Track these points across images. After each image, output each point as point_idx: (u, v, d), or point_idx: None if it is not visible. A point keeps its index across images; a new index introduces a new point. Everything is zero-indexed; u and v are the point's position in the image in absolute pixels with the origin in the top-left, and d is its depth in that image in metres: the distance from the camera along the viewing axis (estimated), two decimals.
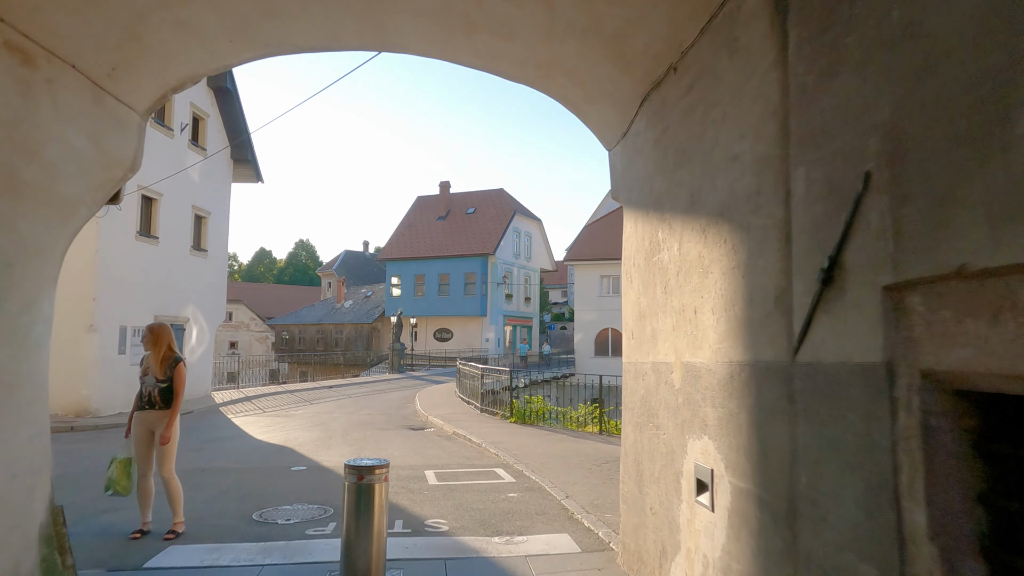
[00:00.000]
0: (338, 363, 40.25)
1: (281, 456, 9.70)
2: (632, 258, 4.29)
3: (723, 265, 2.87)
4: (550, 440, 11.12)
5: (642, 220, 4.03)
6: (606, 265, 38.65)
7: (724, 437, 2.83)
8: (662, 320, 3.65)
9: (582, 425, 13.19)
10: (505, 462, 8.95)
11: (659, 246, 3.70)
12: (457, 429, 12.48)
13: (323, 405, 18.21)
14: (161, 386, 5.37)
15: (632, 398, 4.25)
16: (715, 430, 2.92)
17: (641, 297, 4.05)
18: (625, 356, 4.49)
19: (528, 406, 14.23)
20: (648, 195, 3.89)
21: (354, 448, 10.46)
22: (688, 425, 3.24)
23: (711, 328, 2.99)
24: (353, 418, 15.18)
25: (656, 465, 3.69)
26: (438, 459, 9.29)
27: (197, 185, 18.41)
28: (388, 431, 12.98)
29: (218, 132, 19.62)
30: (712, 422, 2.96)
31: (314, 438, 11.74)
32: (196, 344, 18.44)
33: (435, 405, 17.24)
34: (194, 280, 18.31)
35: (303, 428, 13.22)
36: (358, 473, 3.96)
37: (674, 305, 3.46)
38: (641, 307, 4.04)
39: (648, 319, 3.89)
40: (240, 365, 26.41)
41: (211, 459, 9.29)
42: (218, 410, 16.50)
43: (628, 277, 4.40)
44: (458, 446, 10.83)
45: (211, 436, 12.08)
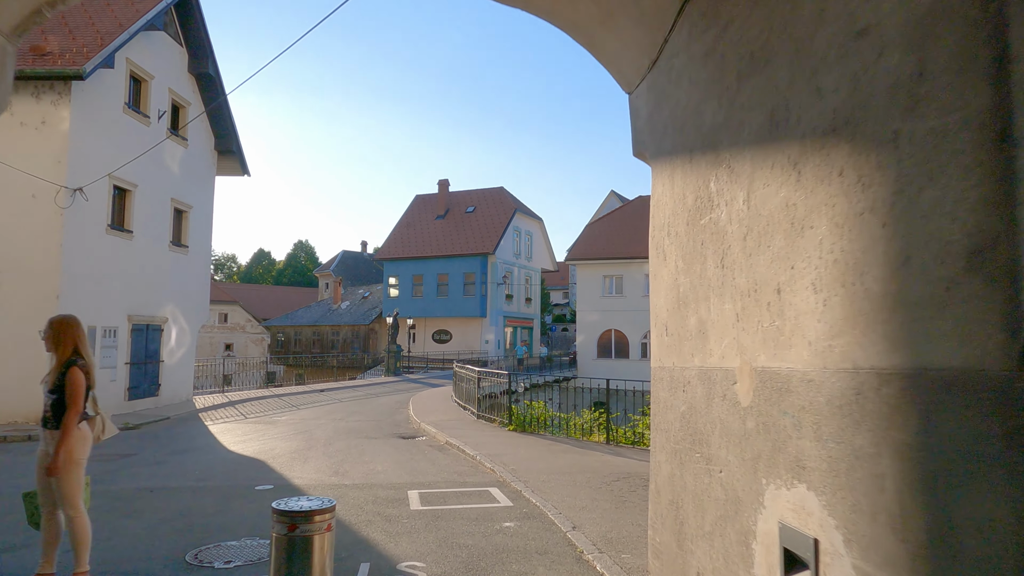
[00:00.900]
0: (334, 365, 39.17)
1: (249, 472, 8.60)
2: (666, 226, 3.19)
3: (838, 211, 1.77)
4: (552, 451, 10.01)
5: (682, 171, 2.93)
6: (609, 265, 37.55)
7: (842, 491, 1.73)
8: (717, 307, 2.54)
9: (587, 434, 12.08)
10: (501, 479, 7.84)
11: (711, 202, 2.60)
12: (451, 438, 11.37)
13: (311, 411, 17.10)
14: (52, 398, 4.26)
15: (667, 416, 3.15)
16: (822, 477, 1.82)
17: (681, 277, 2.95)
18: (655, 359, 3.38)
19: (528, 412, 13.13)
20: (692, 134, 2.79)
21: (334, 461, 9.36)
22: (767, 464, 2.13)
23: (812, 315, 1.89)
24: (340, 425, 14.07)
25: (707, 515, 2.59)
26: (426, 476, 8.18)
27: (177, 177, 17.34)
28: (376, 440, 11.87)
29: (200, 121, 18.54)
30: (815, 463, 1.86)
31: (293, 449, 10.64)
32: (176, 346, 17.35)
33: (429, 411, 16.13)
34: (174, 278, 17.22)
35: (284, 437, 12.12)
36: (289, 521, 2.85)
37: (738, 284, 2.36)
38: (681, 291, 2.94)
39: (692, 307, 2.79)
40: (236, 368, 25.37)
41: (167, 476, 8.19)
42: (197, 416, 15.40)
43: (659, 253, 3.29)
44: (450, 459, 9.72)
45: (178, 447, 10.97)
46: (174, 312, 17.24)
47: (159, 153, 16.52)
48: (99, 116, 14.17)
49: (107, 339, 14.53)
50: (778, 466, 2.06)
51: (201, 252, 18.72)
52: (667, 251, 3.13)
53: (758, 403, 2.20)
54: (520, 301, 44.32)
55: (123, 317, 15.10)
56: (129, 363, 15.32)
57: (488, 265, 40.57)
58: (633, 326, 36.62)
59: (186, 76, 17.79)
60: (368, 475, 8.21)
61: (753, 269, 2.25)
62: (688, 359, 2.84)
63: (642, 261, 36.76)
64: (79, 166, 13.41)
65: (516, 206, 44.09)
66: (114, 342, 14.77)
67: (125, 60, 14.99)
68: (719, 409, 2.50)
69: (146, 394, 16.07)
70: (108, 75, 14.35)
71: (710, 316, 2.60)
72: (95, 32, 14.21)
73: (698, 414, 2.72)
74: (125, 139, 14.87)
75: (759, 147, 2.18)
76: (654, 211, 3.40)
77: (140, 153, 15.48)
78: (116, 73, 14.66)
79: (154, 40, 16.17)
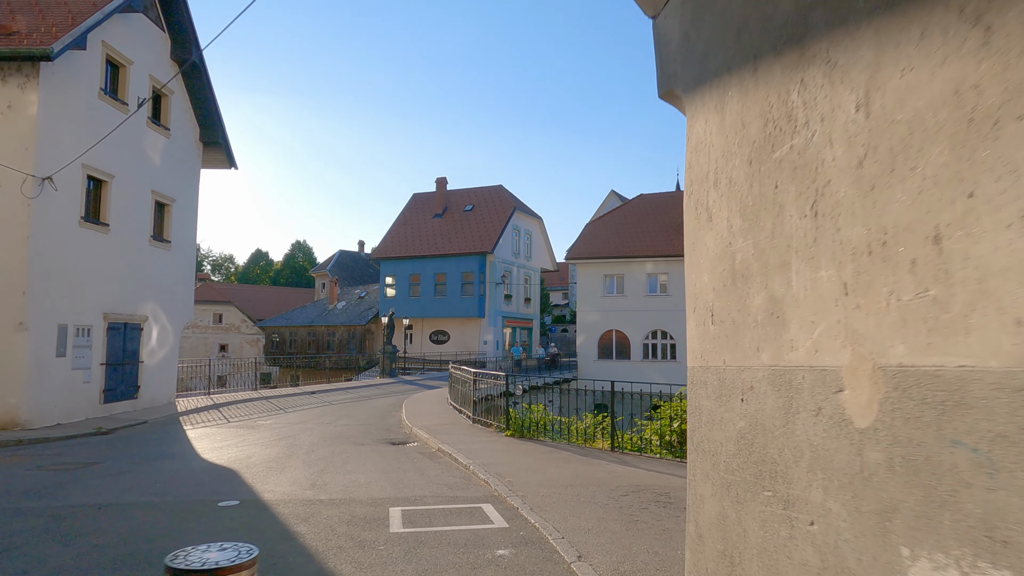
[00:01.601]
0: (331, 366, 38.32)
1: (217, 483, 7.75)
2: (712, 176, 2.35)
3: None
4: (552, 460, 9.17)
5: (739, 92, 2.10)
6: (609, 264, 36.73)
7: None
8: (804, 276, 1.71)
9: (590, 439, 11.24)
10: (496, 494, 7.00)
11: (792, 123, 1.77)
12: (443, 445, 10.53)
13: (299, 414, 16.26)
14: None
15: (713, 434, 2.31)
16: None
17: (737, 241, 2.11)
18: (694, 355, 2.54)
19: (527, 416, 12.29)
20: (758, 33, 1.96)
21: (313, 471, 8.51)
22: (911, 523, 1.30)
23: (1019, 273, 1.05)
24: (327, 430, 13.23)
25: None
26: (412, 489, 7.34)
27: (159, 168, 16.49)
28: (363, 446, 11.03)
29: (184, 111, 17.71)
30: None
31: (272, 456, 9.80)
32: (156, 346, 16.50)
33: (423, 414, 15.29)
34: (155, 274, 16.37)
35: (265, 443, 11.28)
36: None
37: (847, 237, 1.54)
38: (738, 259, 2.11)
39: (758, 280, 1.96)
40: (230, 369, 24.55)
41: (124, 490, 7.34)
42: (177, 420, 14.55)
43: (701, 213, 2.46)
44: (441, 468, 8.88)
45: (148, 454, 10.13)
46: (155, 310, 16.39)
47: (139, 143, 15.70)
48: (71, 101, 13.33)
49: (80, 338, 13.68)
50: (940, 531, 1.22)
51: (185, 248, 17.88)
52: (714, 209, 2.30)
53: (892, 423, 1.37)
54: (519, 301, 43.48)
55: (98, 315, 14.25)
56: (105, 364, 14.46)
57: (486, 264, 39.74)
58: (634, 327, 35.79)
59: (168, 63, 16.95)
60: (348, 488, 7.37)
61: (878, 211, 1.42)
62: (750, 355, 2.01)
63: (644, 260, 35.94)
64: (48, 154, 12.57)
65: (515, 204, 43.28)
66: (88, 341, 13.92)
67: (101, 43, 14.16)
68: (809, 429, 1.67)
69: (124, 396, 15.22)
70: (81, 58, 13.51)
71: (791, 291, 1.77)
72: (66, 12, 13.38)
73: (769, 435, 1.88)
74: (101, 127, 14.02)
75: (895, 10, 1.35)
76: (692, 160, 2.56)
77: (117, 142, 14.64)
78: (90, 56, 13.83)
79: (133, 23, 15.34)
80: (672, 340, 35.19)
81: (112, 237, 14.66)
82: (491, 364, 29.83)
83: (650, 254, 35.98)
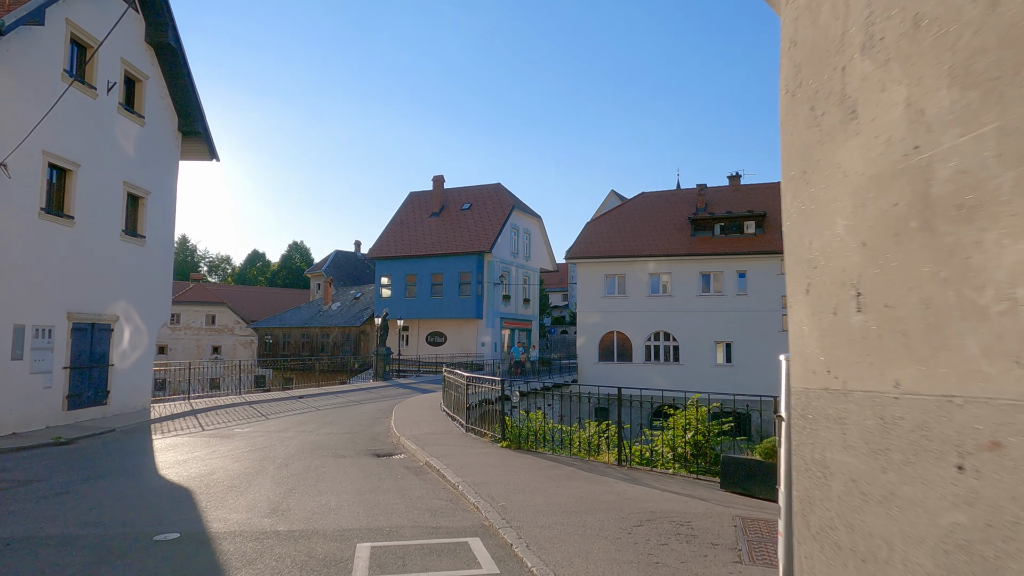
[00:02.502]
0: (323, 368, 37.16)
1: (163, 509, 6.67)
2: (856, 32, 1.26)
3: None
4: (553, 477, 8.09)
5: None
6: (610, 263, 35.67)
7: None
8: None
9: (593, 451, 10.16)
10: (487, 523, 5.93)
11: None
12: (431, 458, 9.45)
13: (281, 420, 15.18)
14: None
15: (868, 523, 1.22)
16: None
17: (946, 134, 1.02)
18: (803, 370, 1.46)
19: (525, 425, 11.22)
20: None
21: (280, 492, 7.44)
22: None
23: None
24: (308, 439, 12.16)
25: None
26: (389, 516, 6.27)
27: (132, 158, 15.42)
28: (343, 459, 9.96)
29: (160, 99, 16.64)
30: None
31: (238, 472, 8.73)
32: (129, 348, 15.41)
33: (413, 421, 14.22)
34: (127, 271, 15.29)
35: (235, 455, 10.20)
36: None
37: None
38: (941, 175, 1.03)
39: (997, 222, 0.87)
40: (223, 371, 23.50)
41: (50, 518, 6.26)
42: (148, 428, 13.47)
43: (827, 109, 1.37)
44: (427, 487, 7.81)
45: (98, 470, 9.05)
46: (127, 310, 15.31)
47: (110, 131, 14.63)
48: (29, 82, 12.26)
49: (40, 340, 12.59)
50: None
51: (161, 243, 16.79)
52: (864, 93, 1.23)
53: None
54: (518, 302, 42.41)
55: (61, 315, 13.17)
56: (69, 367, 13.38)
57: (484, 264, 38.68)
58: (636, 328, 34.74)
59: (143, 46, 15.89)
60: (314, 515, 6.30)
61: None
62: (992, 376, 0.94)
63: (646, 259, 34.89)
64: (1, 138, 11.50)
65: (513, 203, 42.22)
66: (49, 343, 12.83)
67: (64, 21, 13.10)
68: None
69: (91, 402, 14.13)
70: (41, 36, 12.45)
71: None
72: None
73: None
74: (63, 110, 12.97)
75: None
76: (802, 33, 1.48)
77: (84, 129, 13.58)
78: (52, 35, 12.76)
79: (103, 2, 14.26)
80: (675, 342, 34.14)
81: (78, 231, 13.59)
82: (489, 366, 28.75)
83: (652, 253, 34.93)
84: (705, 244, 34.55)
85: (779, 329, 32.02)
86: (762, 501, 6.97)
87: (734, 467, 7.59)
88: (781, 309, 32.22)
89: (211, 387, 23.71)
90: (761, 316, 32.44)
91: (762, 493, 7.11)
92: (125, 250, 15.28)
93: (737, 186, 40.08)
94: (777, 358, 3.48)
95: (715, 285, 33.96)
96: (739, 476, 7.49)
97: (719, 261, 33.74)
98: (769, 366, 28.71)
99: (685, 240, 35.33)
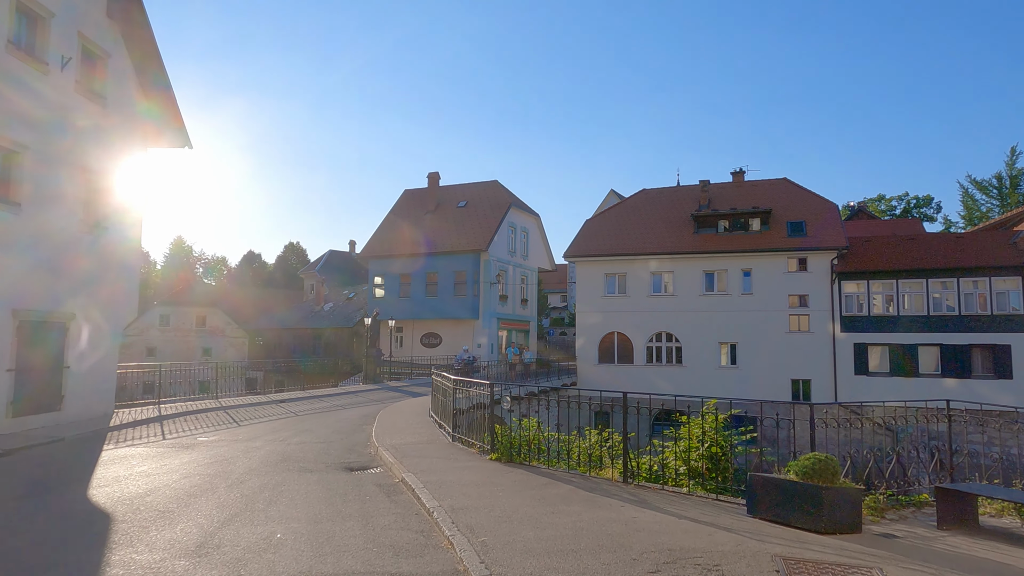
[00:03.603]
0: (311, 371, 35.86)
1: (62, 543, 5.40)
2: None
3: None
4: (548, 500, 6.83)
5: None
6: (611, 262, 34.41)
7: None
8: None
9: (595, 465, 8.89)
10: (460, 568, 4.67)
11: None
12: (408, 474, 8.20)
13: (253, 428, 13.92)
14: None
15: None
16: None
17: None
18: None
19: (518, 434, 9.95)
20: None
21: (220, 518, 6.18)
22: None
23: None
24: (276, 449, 10.91)
25: None
26: (339, 558, 5.00)
27: (91, 142, 14.17)
28: (309, 475, 8.71)
29: (126, 79, 15.39)
30: None
31: (182, 491, 7.47)
32: (88, 349, 14.13)
33: (397, 429, 12.97)
34: (86, 265, 14.03)
35: (187, 469, 8.95)
36: None
37: None
38: None
39: None
40: (214, 373, 22.30)
41: None
42: (103, 436, 12.20)
43: None
44: (396, 513, 6.54)
45: (19, 489, 7.78)
46: (85, 307, 14.04)
47: (64, 111, 13.37)
48: None
49: None
50: None
51: (126, 235, 15.51)
52: None
53: None
54: (515, 302, 41.16)
55: (6, 312, 11.91)
56: (14, 370, 12.10)
57: (480, 263, 37.45)
58: (637, 328, 33.48)
59: (105, 21, 14.64)
60: (247, 554, 5.04)
61: None
62: None
63: (647, 257, 33.64)
64: None
65: (511, 200, 41.01)
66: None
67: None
68: None
69: (43, 409, 12.86)
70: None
71: None
72: None
73: None
74: (9, 88, 11.73)
75: None
76: None
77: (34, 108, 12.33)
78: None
79: None
80: (678, 343, 32.88)
81: (26, 220, 12.32)
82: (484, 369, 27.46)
83: (654, 251, 33.67)
84: (709, 242, 33.28)
85: (786, 330, 30.75)
86: (803, 532, 5.71)
87: (765, 488, 6.33)
88: (788, 309, 30.96)
89: (200, 390, 22.42)
90: (767, 316, 31.18)
91: (801, 522, 5.85)
92: (84, 242, 14.02)
93: (741, 182, 38.85)
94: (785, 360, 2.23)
95: (719, 284, 32.68)
96: (771, 500, 6.23)
97: (723, 259, 32.47)
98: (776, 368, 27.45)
99: (688, 237, 34.06)
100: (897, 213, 60.73)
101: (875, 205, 61.60)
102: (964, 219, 53.53)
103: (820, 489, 5.82)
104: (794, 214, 33.18)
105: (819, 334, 30.22)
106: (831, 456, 6.12)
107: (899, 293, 29.32)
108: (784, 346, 30.74)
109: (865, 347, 29.51)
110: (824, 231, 31.32)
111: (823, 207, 33.23)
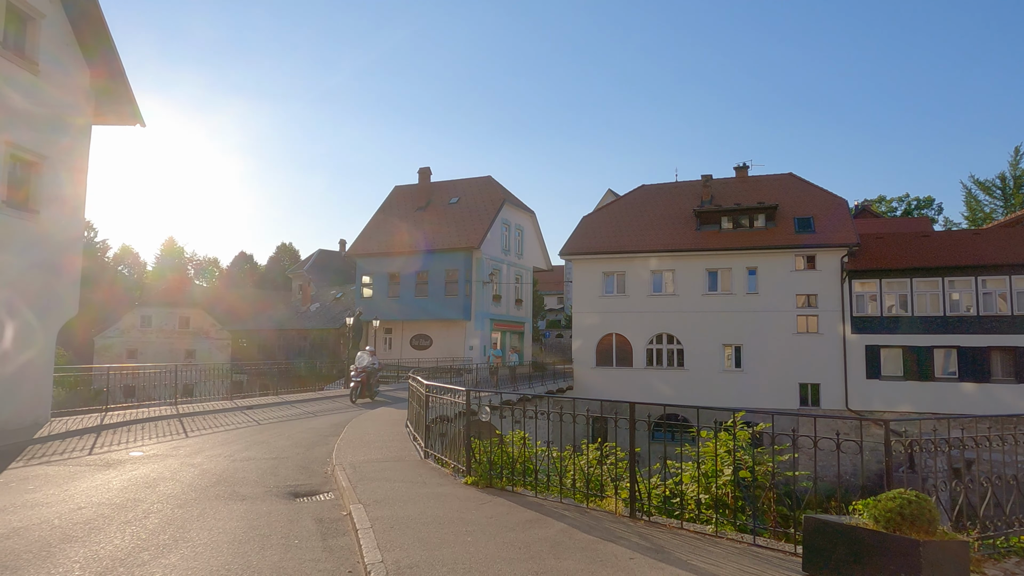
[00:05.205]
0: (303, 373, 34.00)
1: None
2: None
3: None
4: (533, 550, 5.08)
5: None
6: (609, 260, 32.68)
7: None
8: None
9: (594, 491, 7.14)
10: None
11: None
12: (357, 505, 6.45)
13: (202, 439, 12.14)
14: None
15: None
16: None
17: None
18: None
19: (500, 451, 8.22)
20: None
21: (88, 574, 4.43)
22: None
23: None
24: (215, 467, 9.14)
25: None
26: None
27: (21, 115, 12.41)
28: (239, 504, 6.95)
29: (65, 45, 13.63)
30: None
31: (57, 532, 5.71)
32: (13, 350, 12.34)
33: (365, 443, 11.22)
34: (11, 254, 12.25)
35: (87, 498, 7.17)
36: None
37: None
38: None
39: None
40: (198, 376, 20.51)
41: None
42: (19, 452, 10.40)
43: None
44: (321, 573, 4.80)
45: None
46: (11, 302, 12.26)
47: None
48: None
49: None
50: None
51: (64, 221, 13.72)
52: None
53: None
54: (509, 302, 39.39)
55: None
56: None
57: (473, 262, 35.66)
58: (637, 329, 31.76)
59: None
60: None
61: None
62: None
63: (647, 255, 31.92)
64: None
65: (505, 196, 39.26)
66: None
67: None
68: None
69: None
70: None
71: None
72: None
73: None
74: None
75: None
76: None
77: None
78: None
79: None
80: (679, 345, 31.16)
81: None
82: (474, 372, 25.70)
83: (654, 249, 31.95)
84: (711, 239, 31.58)
85: (793, 331, 29.05)
86: None
87: (828, 537, 4.60)
88: (796, 309, 29.26)
89: (184, 393, 20.53)
90: (773, 317, 29.49)
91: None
92: (9, 227, 12.25)
93: (744, 177, 37.20)
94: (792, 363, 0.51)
95: (723, 283, 30.98)
96: (838, 553, 4.50)
97: (727, 257, 30.77)
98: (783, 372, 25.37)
99: (690, 235, 32.35)
100: (898, 214, 59.32)
101: (876, 206, 60.16)
102: (967, 220, 52.17)
103: (916, 545, 4.09)
104: (801, 210, 31.53)
105: (829, 336, 28.56)
106: (923, 495, 4.41)
107: (913, 292, 27.68)
108: (791, 348, 29.07)
109: (877, 349, 27.86)
110: (833, 227, 29.67)
111: (832, 203, 31.59)
